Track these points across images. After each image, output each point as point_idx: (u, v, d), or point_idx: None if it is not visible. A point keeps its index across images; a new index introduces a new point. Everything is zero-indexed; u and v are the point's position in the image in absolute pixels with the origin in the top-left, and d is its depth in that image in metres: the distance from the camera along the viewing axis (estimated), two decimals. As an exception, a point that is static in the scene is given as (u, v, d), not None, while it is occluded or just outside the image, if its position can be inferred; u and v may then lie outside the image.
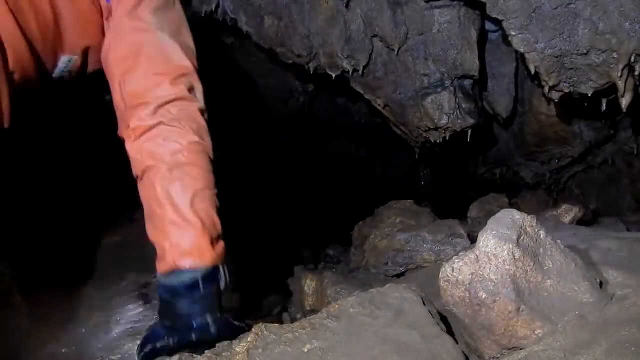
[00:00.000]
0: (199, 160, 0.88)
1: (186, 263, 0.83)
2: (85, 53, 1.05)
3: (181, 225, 0.81)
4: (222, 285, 0.88)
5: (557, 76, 2.33)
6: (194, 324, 0.83)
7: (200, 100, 1.00)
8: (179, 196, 0.82)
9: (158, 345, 0.83)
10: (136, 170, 0.91)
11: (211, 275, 0.84)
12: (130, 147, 0.92)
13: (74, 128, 2.77)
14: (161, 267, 0.87)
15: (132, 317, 2.98)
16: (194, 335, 0.83)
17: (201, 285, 0.83)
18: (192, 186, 0.84)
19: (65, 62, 1.03)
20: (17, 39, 0.89)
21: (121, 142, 1.02)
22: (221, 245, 0.89)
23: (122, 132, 0.96)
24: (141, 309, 2.96)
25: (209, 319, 0.85)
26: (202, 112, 0.98)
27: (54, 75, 1.06)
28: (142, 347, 0.87)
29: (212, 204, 0.87)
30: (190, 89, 0.98)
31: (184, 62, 0.99)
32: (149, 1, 1.00)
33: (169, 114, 0.89)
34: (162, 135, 0.87)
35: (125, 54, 0.97)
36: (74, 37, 1.00)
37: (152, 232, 0.88)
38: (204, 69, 1.11)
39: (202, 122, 0.96)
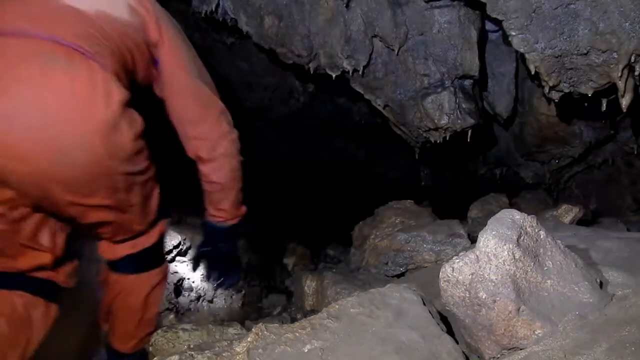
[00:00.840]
0: (237, 178, 1.57)
1: (221, 222, 1.61)
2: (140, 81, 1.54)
3: (220, 211, 1.59)
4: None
5: (557, 76, 2.33)
6: (221, 245, 1.65)
7: (233, 129, 1.56)
8: (223, 201, 1.58)
9: (200, 250, 1.68)
10: (204, 178, 1.55)
11: (231, 228, 1.63)
12: (201, 167, 1.53)
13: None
14: (208, 218, 1.61)
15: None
16: (219, 247, 1.65)
17: (226, 230, 1.62)
18: (230, 197, 1.58)
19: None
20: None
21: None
22: (241, 210, 1.63)
23: (194, 156, 1.53)
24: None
25: (225, 244, 1.66)
26: (237, 137, 1.56)
27: None
28: (195, 255, 1.72)
29: (238, 200, 1.61)
30: (228, 123, 1.54)
31: (217, 101, 1.52)
32: (184, 50, 1.46)
33: (220, 148, 1.51)
34: (219, 163, 1.53)
35: (180, 99, 1.47)
36: (141, 72, 1.43)
37: (207, 208, 1.60)
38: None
39: (238, 145, 1.56)
